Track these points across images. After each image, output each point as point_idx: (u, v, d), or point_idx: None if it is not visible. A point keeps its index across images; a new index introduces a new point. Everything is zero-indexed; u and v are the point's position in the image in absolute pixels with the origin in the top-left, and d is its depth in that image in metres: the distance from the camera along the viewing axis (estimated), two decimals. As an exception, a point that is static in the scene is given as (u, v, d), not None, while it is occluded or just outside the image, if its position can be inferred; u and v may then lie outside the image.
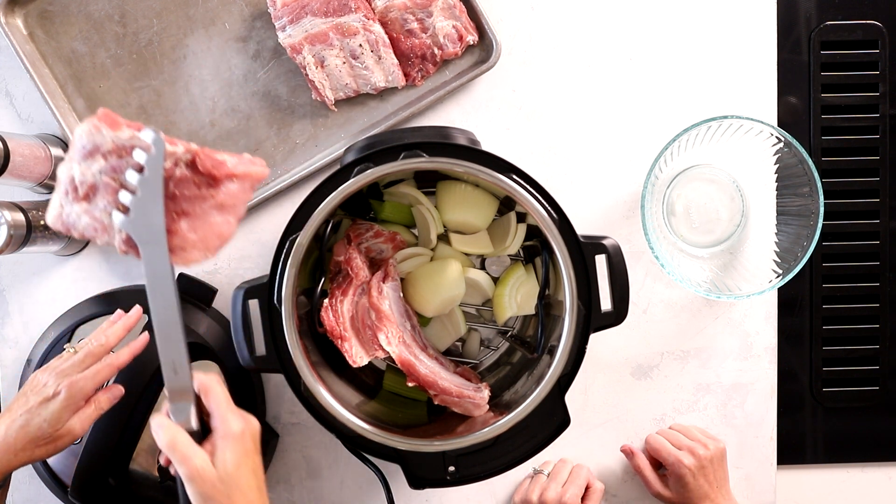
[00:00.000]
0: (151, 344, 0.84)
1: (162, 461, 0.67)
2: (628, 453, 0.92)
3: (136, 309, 0.81)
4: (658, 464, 0.90)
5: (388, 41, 0.88)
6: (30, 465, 0.81)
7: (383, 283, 0.81)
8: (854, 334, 0.94)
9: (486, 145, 0.78)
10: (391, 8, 0.88)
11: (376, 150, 0.74)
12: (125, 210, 0.62)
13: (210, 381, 0.64)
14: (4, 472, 0.72)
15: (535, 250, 0.87)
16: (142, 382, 0.81)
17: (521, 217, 0.85)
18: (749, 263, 0.89)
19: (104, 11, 0.91)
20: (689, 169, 0.92)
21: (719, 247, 0.93)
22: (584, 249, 0.73)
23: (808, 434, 0.95)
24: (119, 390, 0.78)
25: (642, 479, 0.90)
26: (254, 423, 0.64)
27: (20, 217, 0.82)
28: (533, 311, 0.86)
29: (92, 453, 0.81)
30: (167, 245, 0.63)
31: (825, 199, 0.83)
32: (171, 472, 0.65)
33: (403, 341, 0.80)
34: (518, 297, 0.85)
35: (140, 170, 0.61)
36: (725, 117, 0.81)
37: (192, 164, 0.63)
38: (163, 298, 0.63)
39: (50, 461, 0.85)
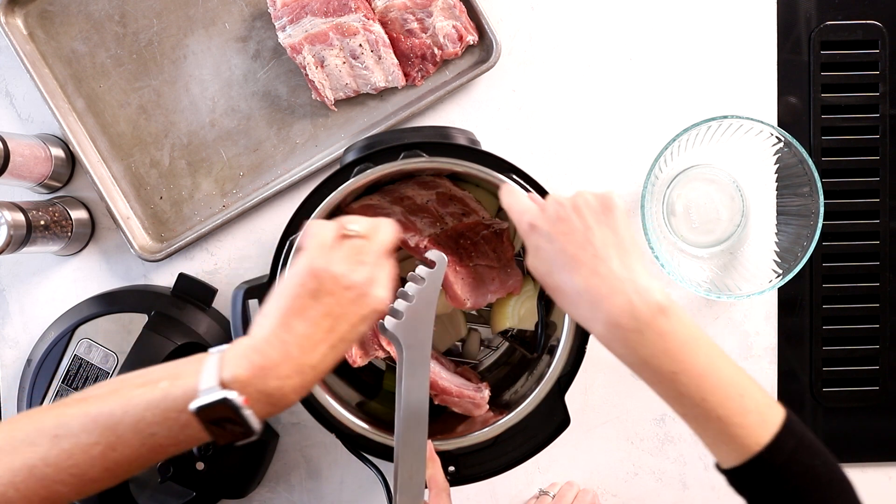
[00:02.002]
0: (155, 340, 0.85)
1: None
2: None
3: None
4: None
5: (388, 41, 0.88)
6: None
7: (383, 283, 0.81)
8: (854, 334, 0.94)
9: (486, 145, 0.78)
10: (391, 8, 0.88)
11: (376, 150, 0.74)
12: (398, 315, 0.66)
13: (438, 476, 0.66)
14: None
15: (535, 250, 0.87)
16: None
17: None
18: (749, 263, 0.89)
19: (104, 11, 0.91)
20: (689, 169, 0.92)
21: (719, 247, 0.93)
22: (584, 249, 0.73)
23: (808, 434, 0.95)
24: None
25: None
26: None
27: (20, 217, 0.82)
28: (531, 328, 0.85)
29: (92, 453, 0.81)
30: (430, 353, 0.67)
31: (825, 199, 0.83)
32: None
33: (403, 341, 0.80)
34: (522, 310, 0.85)
35: (420, 282, 0.67)
36: (725, 117, 0.81)
37: None
38: (415, 402, 0.65)
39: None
